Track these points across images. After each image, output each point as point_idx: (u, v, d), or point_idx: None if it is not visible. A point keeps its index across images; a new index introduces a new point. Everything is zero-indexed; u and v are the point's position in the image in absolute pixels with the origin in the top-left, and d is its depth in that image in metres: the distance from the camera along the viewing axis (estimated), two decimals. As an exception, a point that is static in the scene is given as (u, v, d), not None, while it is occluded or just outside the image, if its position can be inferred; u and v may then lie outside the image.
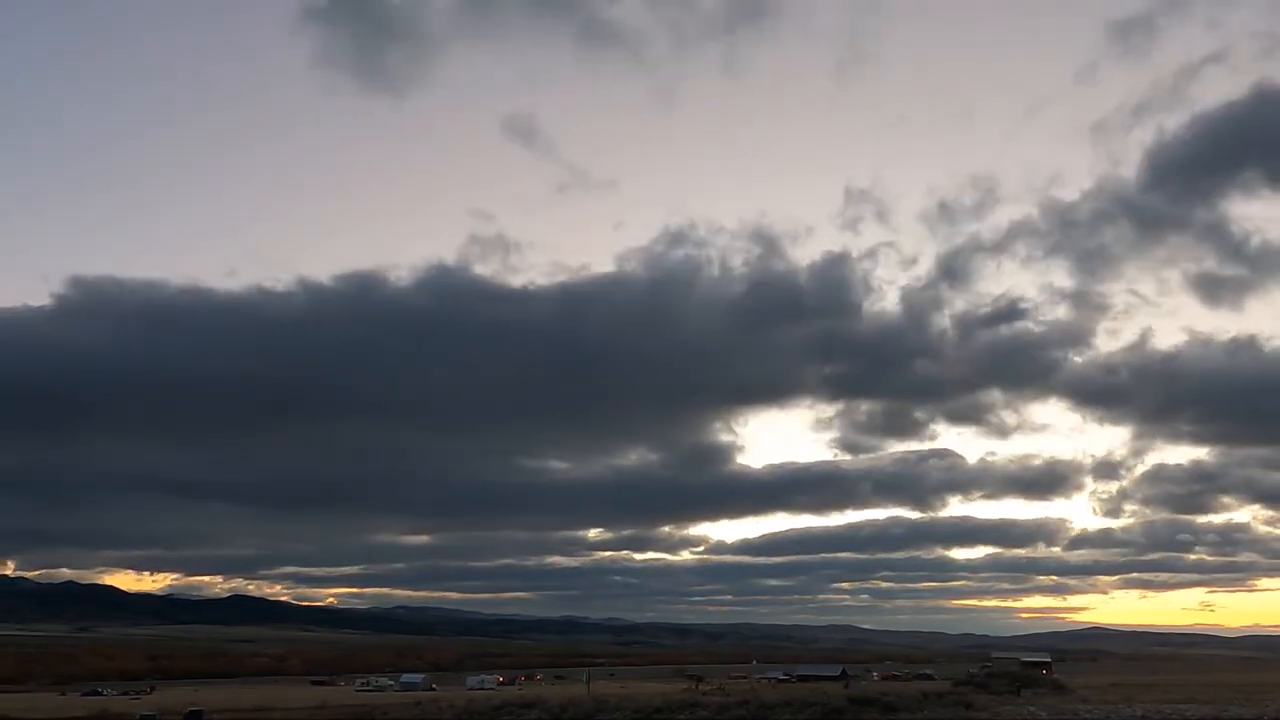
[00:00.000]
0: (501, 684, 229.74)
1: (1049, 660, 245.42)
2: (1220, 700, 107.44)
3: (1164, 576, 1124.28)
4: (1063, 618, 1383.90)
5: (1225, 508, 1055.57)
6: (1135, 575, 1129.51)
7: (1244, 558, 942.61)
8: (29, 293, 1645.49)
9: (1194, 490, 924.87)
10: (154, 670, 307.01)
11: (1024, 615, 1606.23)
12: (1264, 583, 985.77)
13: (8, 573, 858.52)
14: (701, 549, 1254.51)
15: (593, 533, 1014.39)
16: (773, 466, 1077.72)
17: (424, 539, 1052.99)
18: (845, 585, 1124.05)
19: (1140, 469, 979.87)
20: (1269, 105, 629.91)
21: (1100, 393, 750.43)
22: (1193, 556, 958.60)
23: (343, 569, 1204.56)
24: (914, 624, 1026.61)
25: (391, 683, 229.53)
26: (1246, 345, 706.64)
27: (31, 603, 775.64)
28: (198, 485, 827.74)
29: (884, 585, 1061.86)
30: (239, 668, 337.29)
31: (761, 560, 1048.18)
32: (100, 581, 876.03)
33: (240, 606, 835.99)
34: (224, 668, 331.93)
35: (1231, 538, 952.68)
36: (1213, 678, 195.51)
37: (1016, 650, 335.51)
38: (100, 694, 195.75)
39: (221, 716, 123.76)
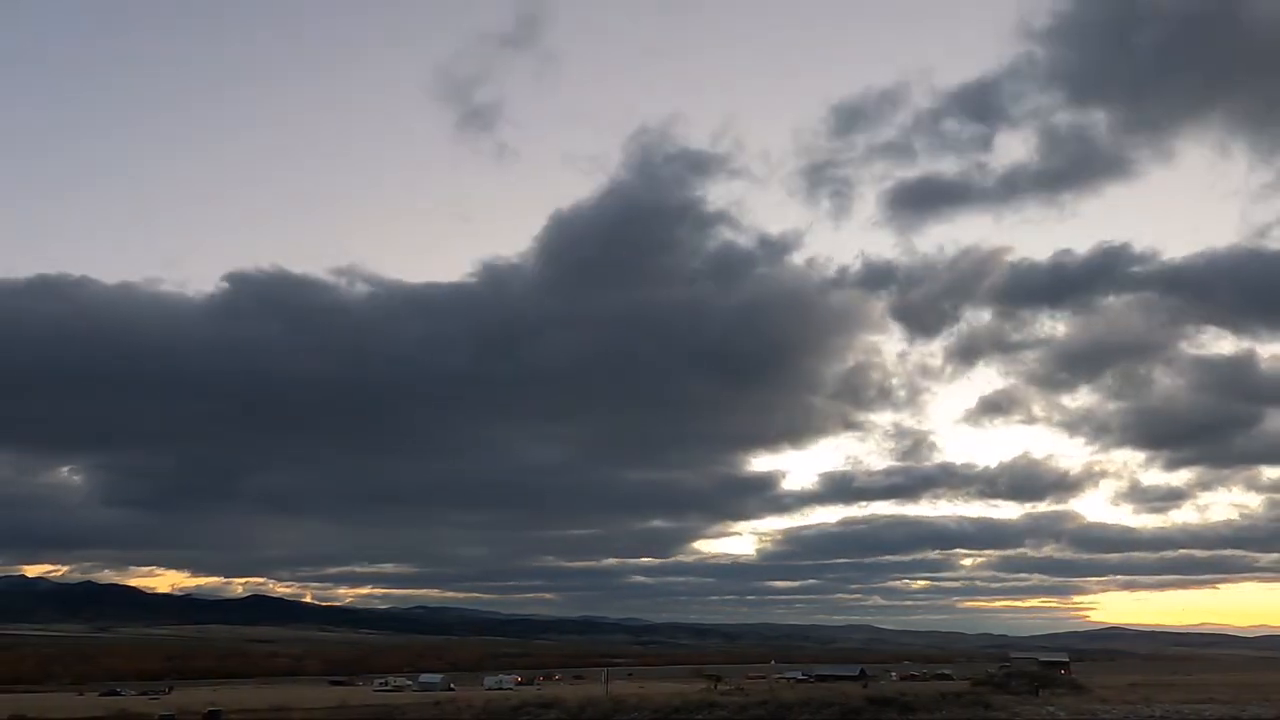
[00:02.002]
0: (520, 684, 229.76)
1: (1067, 660, 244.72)
2: (1240, 700, 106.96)
3: (1177, 577, 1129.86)
4: (1081, 618, 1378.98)
5: (1229, 507, 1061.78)
6: (1150, 576, 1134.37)
7: (1250, 557, 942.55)
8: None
9: (1199, 489, 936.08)
10: (172, 670, 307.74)
11: (1042, 615, 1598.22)
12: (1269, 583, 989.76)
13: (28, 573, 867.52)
14: (719, 549, 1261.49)
15: (612, 535, 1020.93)
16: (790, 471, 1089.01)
17: (446, 540, 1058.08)
18: (863, 586, 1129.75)
19: (1150, 469, 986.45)
20: None
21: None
22: (1205, 555, 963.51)
23: (360, 569, 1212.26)
24: (932, 624, 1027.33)
25: (410, 683, 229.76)
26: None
27: (50, 603, 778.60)
28: (218, 487, 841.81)
29: (901, 586, 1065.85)
30: (257, 668, 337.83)
31: (779, 561, 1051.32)
32: (119, 582, 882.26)
33: (258, 606, 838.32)
34: (242, 668, 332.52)
35: (1237, 536, 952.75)
36: (1231, 677, 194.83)
37: (1035, 650, 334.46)
38: (119, 694, 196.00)
39: (240, 716, 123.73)
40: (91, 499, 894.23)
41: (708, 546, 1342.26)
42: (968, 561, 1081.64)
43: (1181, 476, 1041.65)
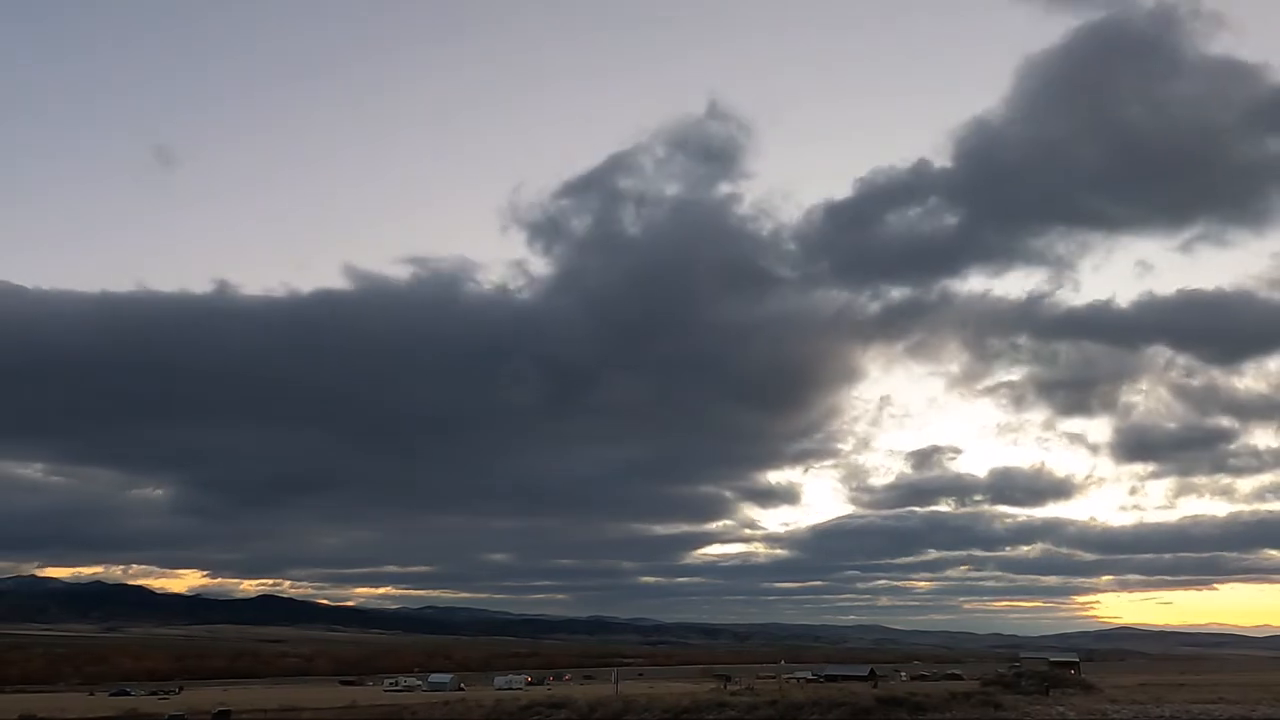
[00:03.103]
0: (530, 684, 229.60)
1: (1077, 660, 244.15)
2: (1249, 700, 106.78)
3: (1187, 578, 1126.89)
4: (1091, 618, 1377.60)
5: (1236, 509, 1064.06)
6: (1159, 577, 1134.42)
7: (1261, 558, 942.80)
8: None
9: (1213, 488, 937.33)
10: (182, 670, 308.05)
11: (1051, 616, 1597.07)
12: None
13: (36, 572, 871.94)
14: (732, 548, 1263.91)
15: (622, 533, 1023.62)
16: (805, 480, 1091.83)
17: (460, 538, 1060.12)
18: (873, 586, 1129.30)
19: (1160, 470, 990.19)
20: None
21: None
22: (1215, 556, 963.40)
23: (372, 568, 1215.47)
24: (942, 624, 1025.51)
25: (420, 683, 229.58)
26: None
27: (59, 602, 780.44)
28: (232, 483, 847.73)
29: (911, 586, 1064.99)
30: (267, 668, 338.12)
31: (791, 561, 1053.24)
32: (128, 581, 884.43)
33: (268, 606, 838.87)
34: (252, 668, 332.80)
35: (1248, 537, 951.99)
36: (1240, 677, 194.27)
37: (1045, 650, 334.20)
38: (129, 694, 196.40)
39: (250, 716, 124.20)
40: (130, 502, 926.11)
41: (719, 548, 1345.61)
42: (977, 563, 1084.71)
43: (1183, 483, 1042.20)
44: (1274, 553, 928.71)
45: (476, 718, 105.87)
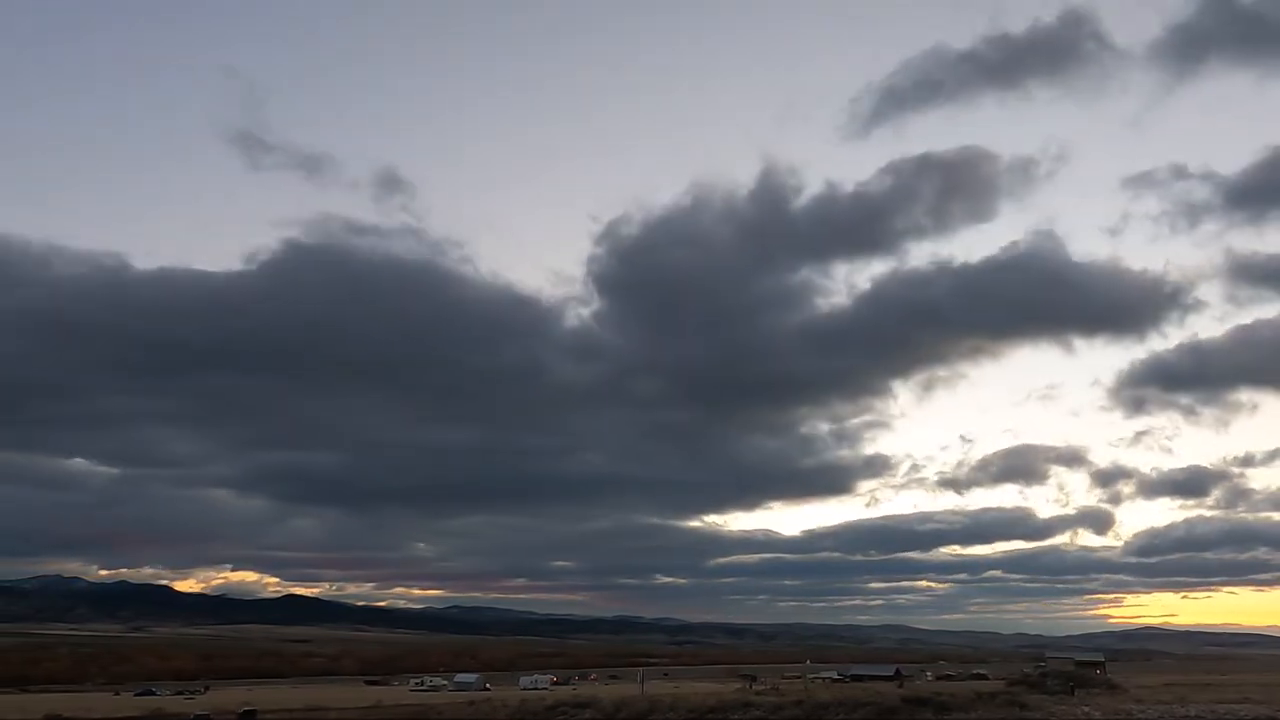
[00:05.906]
0: (555, 684, 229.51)
1: (1103, 660, 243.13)
2: (1275, 700, 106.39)
3: (1212, 578, 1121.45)
4: (1116, 618, 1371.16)
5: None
6: (1187, 578, 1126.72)
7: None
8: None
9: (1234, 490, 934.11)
10: (208, 670, 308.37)
11: (1077, 615, 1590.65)
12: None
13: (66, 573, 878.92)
14: (755, 547, 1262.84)
15: (649, 534, 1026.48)
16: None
17: (478, 537, 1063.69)
18: (897, 585, 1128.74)
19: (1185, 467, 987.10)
20: None
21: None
22: (1237, 557, 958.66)
23: (393, 568, 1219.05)
24: (967, 624, 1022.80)
25: (445, 682, 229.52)
26: None
27: (87, 602, 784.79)
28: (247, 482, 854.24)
29: (936, 586, 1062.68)
30: (293, 667, 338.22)
31: (813, 560, 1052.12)
32: (154, 581, 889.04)
33: (293, 606, 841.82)
34: (278, 667, 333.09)
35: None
36: (1267, 677, 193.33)
37: (1070, 650, 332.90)
38: (154, 693, 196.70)
39: (275, 716, 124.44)
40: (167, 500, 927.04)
41: (743, 547, 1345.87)
42: (1003, 562, 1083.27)
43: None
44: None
45: (502, 717, 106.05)
